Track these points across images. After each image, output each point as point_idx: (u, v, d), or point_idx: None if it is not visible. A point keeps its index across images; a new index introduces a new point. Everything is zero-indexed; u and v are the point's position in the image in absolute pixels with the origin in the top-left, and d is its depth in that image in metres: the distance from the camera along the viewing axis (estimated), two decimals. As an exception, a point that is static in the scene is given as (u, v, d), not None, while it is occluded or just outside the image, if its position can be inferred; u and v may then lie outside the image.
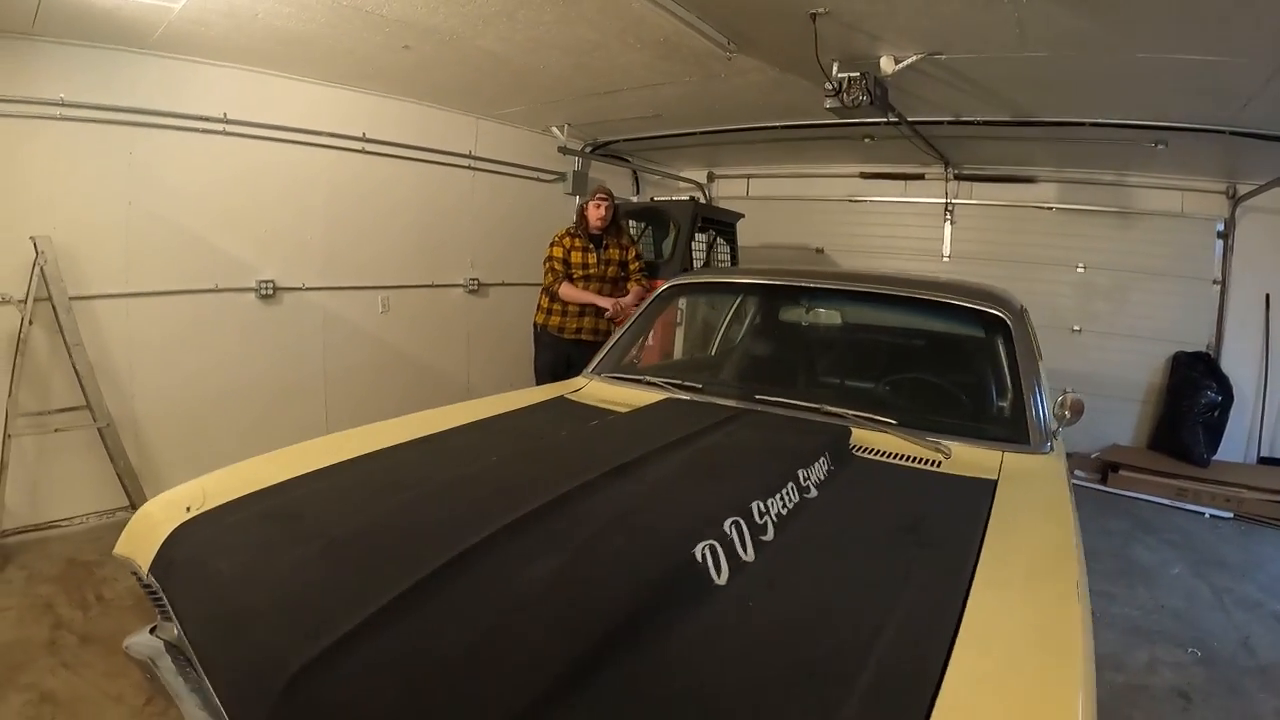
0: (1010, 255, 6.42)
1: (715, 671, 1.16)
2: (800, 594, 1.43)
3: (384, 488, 1.84)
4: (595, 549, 1.47)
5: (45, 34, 3.54)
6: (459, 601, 1.26)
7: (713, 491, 1.78)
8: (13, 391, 3.58)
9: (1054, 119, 4.68)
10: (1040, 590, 1.52)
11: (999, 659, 1.23)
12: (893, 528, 1.75)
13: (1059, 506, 1.99)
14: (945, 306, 2.92)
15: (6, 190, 3.57)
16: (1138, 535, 4.59)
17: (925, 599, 1.40)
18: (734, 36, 3.90)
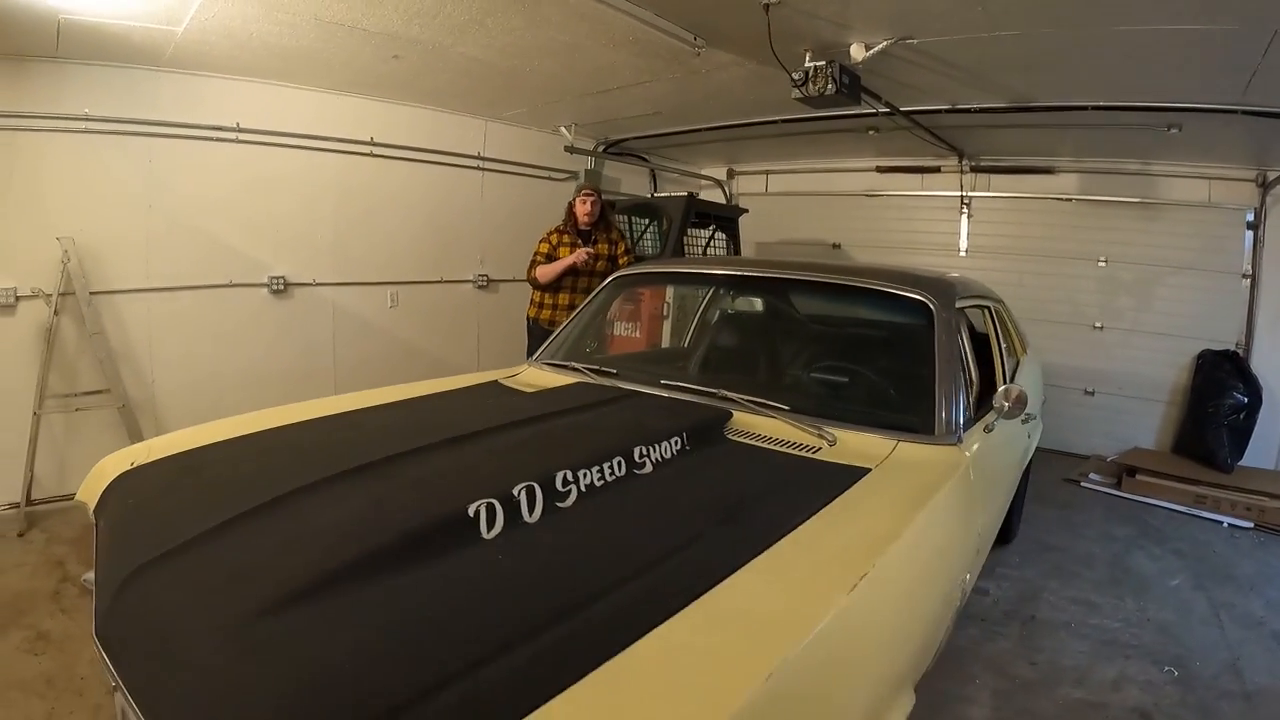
0: (1029, 249, 6.05)
1: (437, 602, 1.28)
2: (558, 555, 1.47)
3: (274, 450, 2.07)
4: (385, 499, 1.63)
5: (70, 56, 3.87)
6: (264, 529, 1.51)
7: (526, 460, 1.82)
8: (43, 375, 3.90)
9: (1053, 104, 4.35)
10: (809, 581, 1.43)
11: (699, 641, 1.19)
12: (709, 506, 1.73)
13: (919, 499, 1.87)
14: (872, 293, 2.77)
15: (37, 196, 3.92)
16: (1142, 543, 4.22)
17: (683, 573, 1.38)
18: (699, 31, 3.83)
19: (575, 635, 1.15)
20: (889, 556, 1.52)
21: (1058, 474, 5.38)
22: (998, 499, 2.69)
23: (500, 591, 1.32)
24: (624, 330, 4.05)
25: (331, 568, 1.31)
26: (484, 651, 1.09)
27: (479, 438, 2.08)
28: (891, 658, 1.50)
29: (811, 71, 3.84)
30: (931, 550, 1.79)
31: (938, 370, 2.40)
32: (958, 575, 1.92)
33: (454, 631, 1.18)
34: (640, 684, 1.07)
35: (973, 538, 2.06)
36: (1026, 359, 3.93)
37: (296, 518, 1.56)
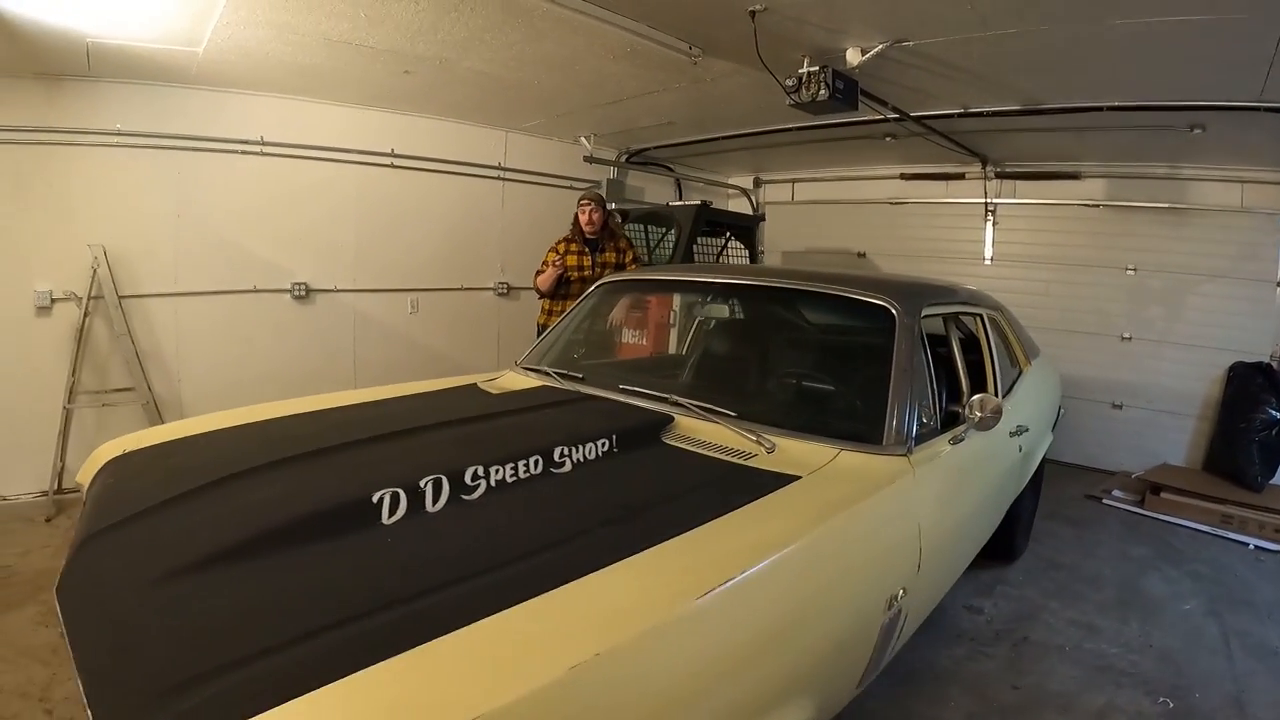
0: (1055, 257, 5.75)
1: (317, 575, 1.36)
2: (443, 543, 1.51)
3: (239, 439, 2.19)
4: (307, 483, 1.74)
5: (102, 75, 4.08)
6: (198, 506, 1.64)
7: (446, 455, 1.87)
8: (76, 372, 4.11)
9: (1066, 105, 4.12)
10: (667, 583, 1.37)
11: (523, 629, 1.18)
12: (610, 506, 1.73)
13: (832, 510, 1.77)
14: (835, 299, 2.66)
15: (72, 206, 4.14)
16: (1158, 564, 3.93)
17: (548, 566, 1.37)
18: (694, 41, 3.79)
19: (416, 615, 1.19)
20: (769, 565, 1.46)
21: (1080, 490, 5.09)
22: (967, 513, 2.52)
23: (374, 572, 1.38)
24: (631, 337, 3.99)
25: (240, 539, 1.43)
26: (325, 621, 1.17)
27: (417, 433, 2.15)
28: (765, 665, 1.42)
29: (805, 77, 3.75)
30: (840, 562, 1.69)
31: (893, 378, 2.28)
32: (882, 589, 1.80)
33: (316, 603, 1.25)
34: (444, 664, 1.08)
35: (910, 553, 1.93)
36: (1032, 370, 3.71)
37: (228, 496, 1.69)
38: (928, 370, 2.47)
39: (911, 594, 1.95)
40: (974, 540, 2.80)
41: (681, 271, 3.26)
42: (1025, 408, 3.35)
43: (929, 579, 2.09)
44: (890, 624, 1.85)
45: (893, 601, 1.83)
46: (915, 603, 2.02)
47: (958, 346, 3.01)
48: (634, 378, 2.72)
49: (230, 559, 1.38)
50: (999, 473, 2.91)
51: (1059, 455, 5.65)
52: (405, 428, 2.18)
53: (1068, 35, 3.25)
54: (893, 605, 1.83)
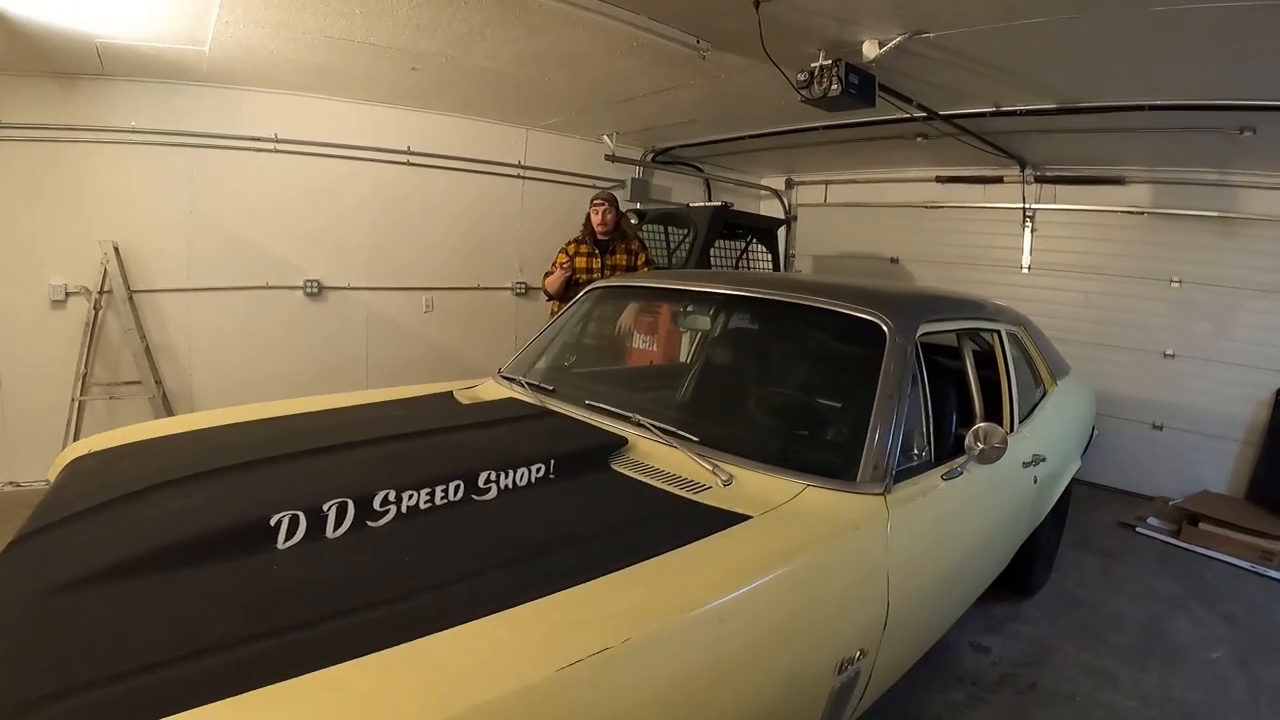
0: (1096, 267, 5.30)
1: (185, 601, 1.29)
2: (325, 575, 1.40)
3: (186, 446, 2.13)
4: (218, 500, 1.66)
5: (115, 74, 4.05)
6: (112, 516, 1.62)
7: (365, 475, 1.77)
8: (88, 366, 4.11)
9: (1104, 104, 3.74)
10: (540, 644, 1.19)
11: (359, 684, 1.06)
12: (517, 543, 1.56)
13: (776, 562, 1.54)
14: (823, 312, 2.38)
15: (87, 202, 4.13)
16: (1189, 604, 3.54)
17: (420, 611, 1.24)
18: (700, 34, 3.54)
19: (253, 659, 1.10)
20: (670, 628, 1.27)
21: (1113, 515, 4.68)
22: (960, 557, 2.23)
23: (246, 601, 1.30)
24: (615, 346, 3.76)
25: (137, 554, 1.40)
26: (178, 653, 1.11)
27: (351, 449, 2.03)
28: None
29: (816, 71, 3.46)
30: (773, 622, 1.46)
31: (875, 405, 2.02)
32: (832, 652, 1.57)
33: (182, 630, 1.19)
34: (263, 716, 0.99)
35: (874, 608, 1.68)
36: (1058, 391, 3.37)
37: (143, 508, 1.64)
38: (923, 395, 2.21)
39: (875, 655, 1.70)
40: (970, 585, 2.51)
41: (665, 279, 3.03)
42: (1046, 434, 3.03)
43: (900, 637, 1.82)
44: (844, 690, 1.61)
45: (846, 665, 1.59)
46: (883, 664, 1.78)
47: (972, 366, 2.73)
48: (604, 392, 2.52)
49: (124, 575, 1.35)
50: (1008, 507, 2.61)
51: (1094, 477, 5.27)
52: (340, 442, 2.07)
53: (1100, 25, 2.91)
54: (846, 669, 1.59)
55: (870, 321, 2.20)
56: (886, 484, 1.88)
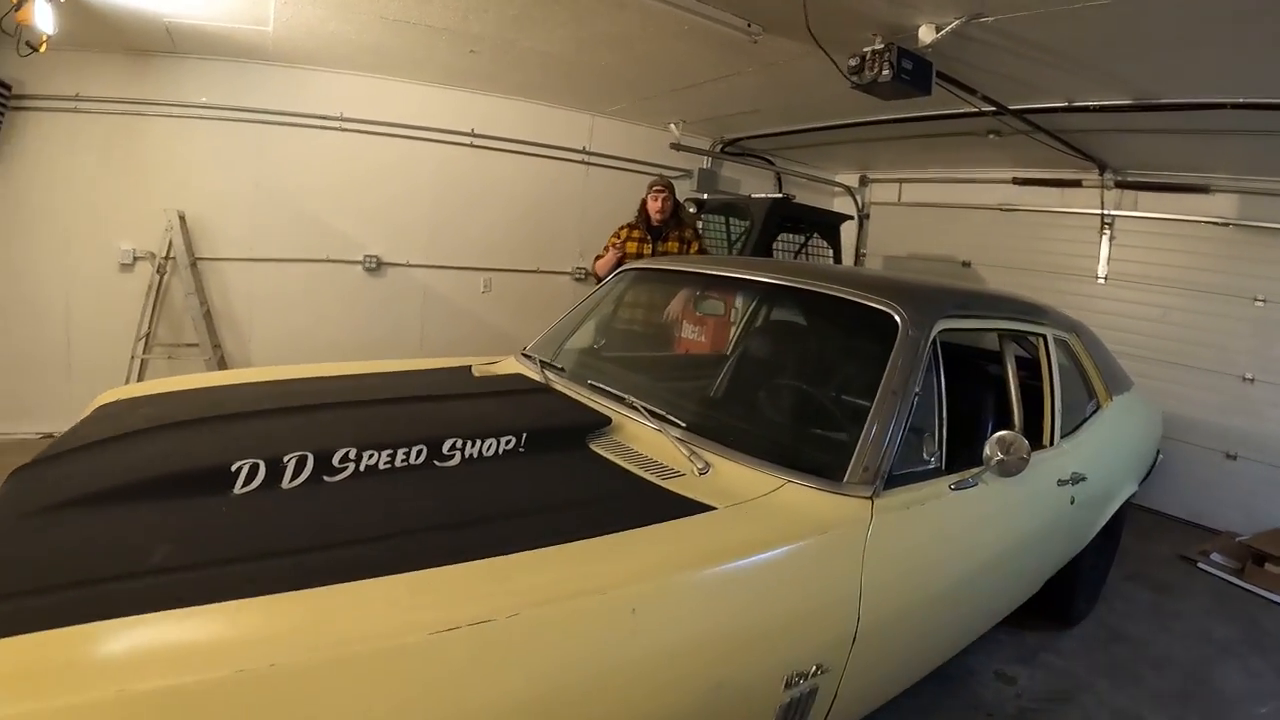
0: (1175, 280, 4.79)
1: (138, 534, 1.32)
2: (262, 523, 1.41)
3: (200, 397, 2.17)
4: (197, 446, 1.71)
5: (186, 52, 4.20)
6: (105, 451, 1.69)
7: (331, 433, 1.77)
8: (151, 326, 4.28)
9: (1182, 100, 3.35)
10: (414, 608, 1.15)
11: (213, 622, 1.07)
12: (460, 510, 1.53)
13: (726, 555, 1.42)
14: (836, 301, 2.20)
15: (158, 173, 4.30)
16: (1243, 651, 3.13)
17: (329, 567, 1.22)
18: (750, 17, 3.37)
19: (159, 589, 1.13)
20: (568, 609, 1.20)
21: (1175, 548, 4.23)
22: (964, 576, 1.99)
23: (177, 539, 1.32)
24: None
25: (106, 488, 1.47)
26: (100, 575, 1.16)
27: (336, 408, 2.05)
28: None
29: (867, 57, 3.24)
30: (703, 621, 1.32)
31: (876, 402, 1.83)
32: (779, 663, 1.41)
33: (120, 556, 1.24)
34: (135, 639, 1.03)
35: (838, 621, 1.51)
36: (1114, 407, 3.04)
37: (127, 449, 1.71)
38: (937, 395, 1.99)
39: (841, 673, 1.52)
40: (981, 609, 2.26)
41: (686, 262, 2.89)
42: (1092, 451, 2.73)
43: (877, 658, 1.64)
44: (796, 706, 1.44)
45: (798, 679, 1.42)
46: (854, 685, 1.59)
47: (1013, 371, 2.48)
48: (607, 371, 2.42)
49: (89, 503, 1.42)
50: (1035, 526, 2.35)
51: (1158, 504, 4.82)
52: (327, 402, 2.11)
53: (1172, 11, 2.59)
54: (798, 683, 1.42)
55: (882, 312, 2.01)
56: (876, 487, 1.69)
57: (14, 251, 4.07)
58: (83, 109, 4.04)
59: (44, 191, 4.07)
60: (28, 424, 4.14)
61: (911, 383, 1.85)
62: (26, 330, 4.16)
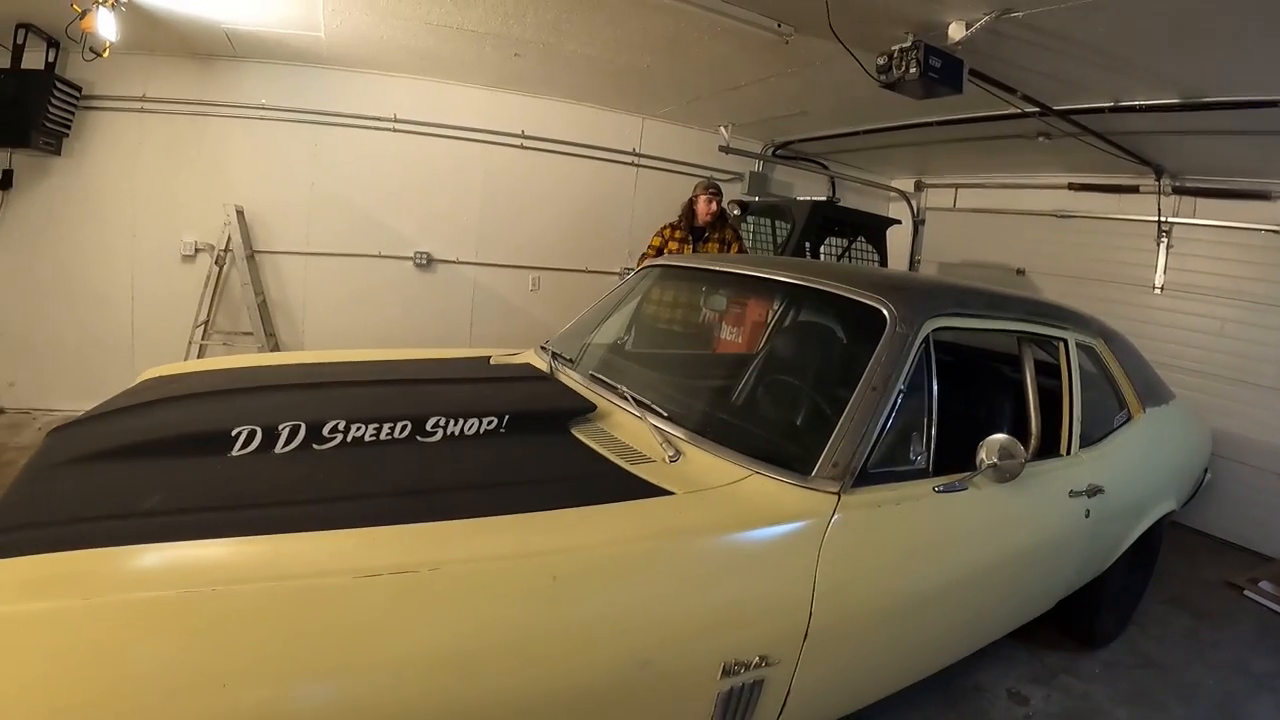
0: (1235, 291, 4.46)
1: (142, 485, 1.46)
2: (251, 482, 1.53)
3: (237, 374, 2.34)
4: (203, 412, 1.89)
5: (246, 56, 4.41)
6: (141, 414, 1.88)
7: (327, 407, 1.88)
8: (210, 314, 4.52)
9: (1233, 99, 3.12)
10: (353, 555, 1.25)
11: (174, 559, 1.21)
12: (427, 479, 1.63)
13: (665, 536, 1.43)
14: (829, 296, 2.16)
15: (219, 170, 4.53)
16: (1279, 688, 2.86)
17: (294, 519, 1.33)
18: (780, 18, 3.32)
19: (147, 528, 1.26)
20: (488, 568, 1.26)
21: (1223, 573, 3.91)
22: (951, 581, 1.88)
23: (171, 489, 1.45)
24: (729, 334, 3.62)
25: (121, 445, 1.64)
26: (97, 514, 1.32)
27: (341, 386, 2.18)
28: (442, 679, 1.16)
29: (895, 55, 3.14)
30: (630, 597, 1.34)
31: (854, 397, 1.78)
32: (715, 649, 1.38)
33: (117, 502, 1.39)
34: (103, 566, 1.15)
35: (787, 615, 1.47)
36: (1146, 419, 2.85)
37: (150, 413, 1.89)
38: (928, 394, 1.90)
39: (794, 669, 1.47)
40: (973, 619, 2.13)
41: (693, 259, 2.87)
42: (1116, 464, 2.57)
43: (837, 658, 1.59)
44: (738, 696, 1.41)
45: (739, 668, 1.39)
46: (811, 684, 1.54)
47: (1031, 377, 2.36)
48: (609, 362, 2.45)
49: (102, 458, 1.58)
50: (1040, 539, 2.21)
51: (1209, 527, 4.52)
52: (335, 380, 2.21)
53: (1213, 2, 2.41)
54: (739, 672, 1.39)
55: (871, 307, 1.95)
56: (845, 483, 1.64)
57: (83, 241, 4.36)
58: (149, 109, 4.30)
59: (111, 186, 4.35)
60: (92, 402, 4.30)
61: (894, 380, 1.79)
62: (94, 315, 4.45)
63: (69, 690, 0.98)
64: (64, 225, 4.32)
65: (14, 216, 4.22)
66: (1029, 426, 2.37)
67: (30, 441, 4.00)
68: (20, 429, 4.19)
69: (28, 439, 4.04)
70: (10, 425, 4.22)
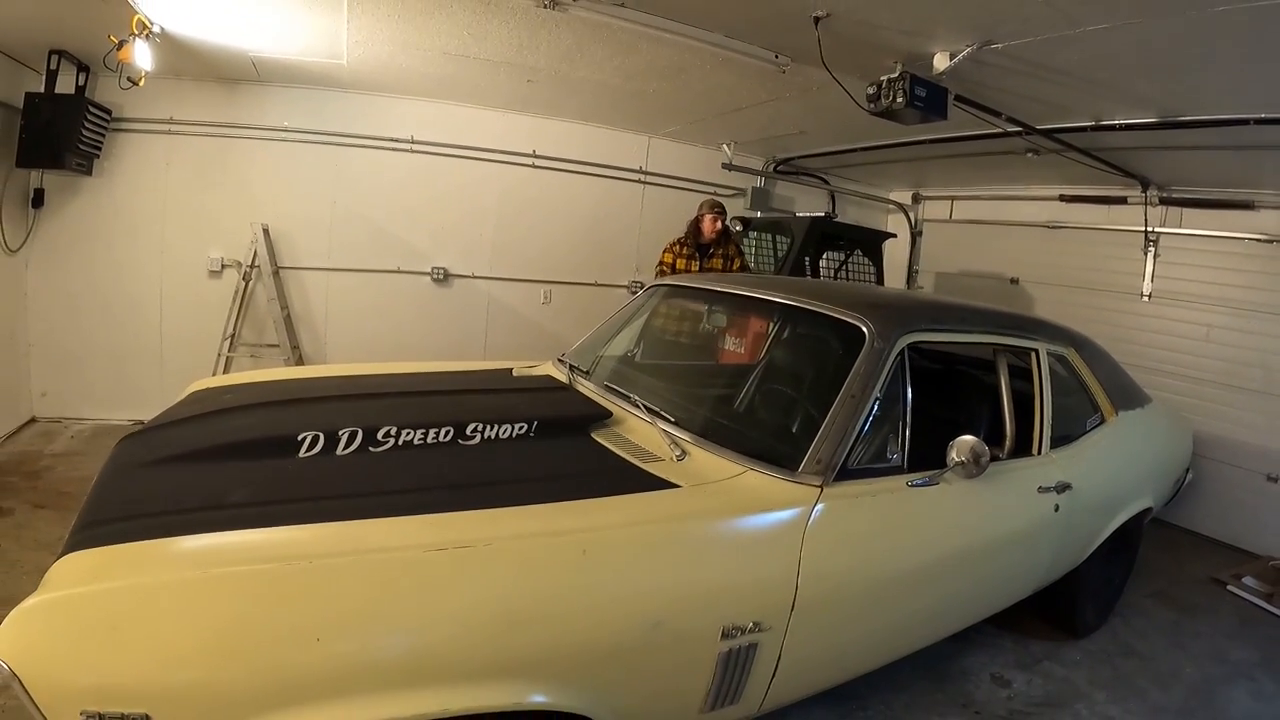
0: (1220, 298, 4.72)
1: (225, 483, 1.72)
2: (318, 478, 1.80)
3: (279, 385, 2.65)
4: (274, 420, 2.15)
5: (271, 80, 4.77)
6: (203, 422, 2.17)
7: (384, 415, 2.15)
8: (237, 327, 4.87)
9: (1207, 117, 3.41)
10: (420, 535, 1.53)
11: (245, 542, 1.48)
12: (469, 475, 1.92)
13: (674, 519, 1.75)
14: (812, 314, 2.48)
15: (245, 189, 4.90)
16: (1256, 674, 3.12)
17: (355, 509, 1.60)
18: (778, 50, 3.64)
19: (239, 516, 1.55)
20: (530, 544, 1.55)
21: (1208, 569, 4.17)
22: (923, 564, 2.16)
23: (253, 486, 1.72)
24: (729, 348, 3.94)
25: (195, 448, 1.92)
26: (191, 506, 1.59)
27: (386, 396, 2.47)
28: (512, 635, 1.46)
29: (883, 85, 3.45)
30: (643, 567, 1.64)
31: (836, 404, 2.08)
32: (716, 615, 1.67)
33: (197, 496, 1.66)
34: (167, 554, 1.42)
35: (775, 589, 1.76)
36: (1119, 422, 3.12)
37: (216, 421, 2.17)
38: (903, 400, 2.20)
39: (783, 635, 1.77)
40: (945, 601, 2.38)
41: (694, 279, 3.21)
42: (1085, 463, 2.84)
43: (821, 627, 1.87)
44: (736, 657, 1.71)
45: (735, 631, 1.68)
46: (800, 649, 1.83)
47: (1005, 384, 2.66)
48: (622, 374, 2.75)
49: (184, 460, 1.86)
50: (1009, 530, 2.49)
51: (1198, 526, 4.79)
52: (381, 391, 2.52)
53: (1173, 29, 2.70)
54: (736, 635, 1.68)
55: (851, 324, 2.25)
56: (827, 477, 1.93)
57: (115, 257, 4.71)
58: (176, 131, 4.66)
59: (141, 204, 4.70)
60: (122, 412, 4.74)
61: (871, 389, 2.08)
62: (125, 328, 4.79)
63: (196, 639, 1.26)
64: (95, 242, 4.67)
65: (46, 234, 4.57)
66: (1004, 428, 2.68)
67: (64, 449, 4.34)
68: (53, 437, 4.53)
69: (61, 446, 4.38)
70: (43, 433, 4.56)
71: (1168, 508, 3.88)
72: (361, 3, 3.44)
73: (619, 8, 3.31)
